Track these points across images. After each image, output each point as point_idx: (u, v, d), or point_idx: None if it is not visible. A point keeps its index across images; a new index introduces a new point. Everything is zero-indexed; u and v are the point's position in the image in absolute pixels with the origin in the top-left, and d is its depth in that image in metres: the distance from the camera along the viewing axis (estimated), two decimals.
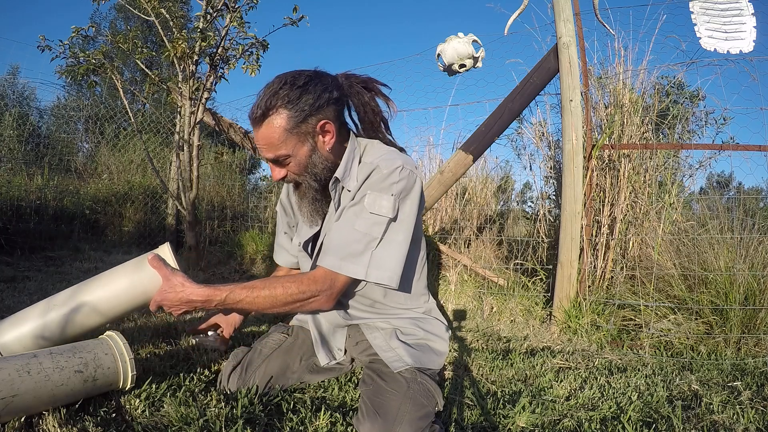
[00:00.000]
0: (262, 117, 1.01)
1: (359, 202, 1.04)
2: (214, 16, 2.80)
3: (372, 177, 1.05)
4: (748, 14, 1.97)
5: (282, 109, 1.00)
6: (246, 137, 3.93)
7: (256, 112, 1.02)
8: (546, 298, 2.27)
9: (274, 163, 1.07)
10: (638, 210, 2.23)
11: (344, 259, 1.00)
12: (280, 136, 1.01)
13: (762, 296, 1.79)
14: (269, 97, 1.00)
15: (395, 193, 1.02)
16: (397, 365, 1.03)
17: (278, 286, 0.99)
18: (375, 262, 1.01)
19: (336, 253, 1.01)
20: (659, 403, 1.21)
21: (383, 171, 1.04)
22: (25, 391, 0.85)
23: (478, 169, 3.21)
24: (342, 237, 1.02)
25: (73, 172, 4.53)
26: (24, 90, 5.37)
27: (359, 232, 1.01)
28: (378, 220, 1.01)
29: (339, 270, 1.00)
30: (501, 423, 1.06)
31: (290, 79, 1.02)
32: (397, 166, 1.04)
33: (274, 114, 1.01)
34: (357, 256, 1.00)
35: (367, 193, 1.03)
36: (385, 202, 1.02)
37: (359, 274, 1.00)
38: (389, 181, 1.03)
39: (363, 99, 1.13)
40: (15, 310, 1.52)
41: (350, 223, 1.02)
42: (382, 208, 1.01)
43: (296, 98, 1.01)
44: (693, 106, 2.53)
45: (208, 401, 1.03)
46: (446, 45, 2.22)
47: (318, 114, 1.03)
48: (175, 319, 1.75)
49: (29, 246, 2.99)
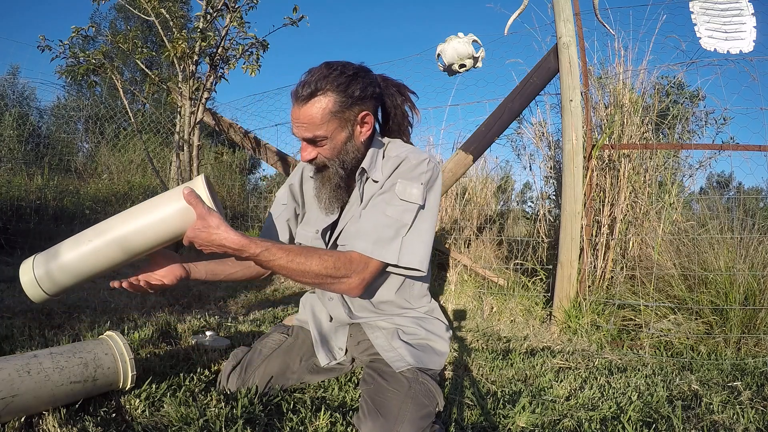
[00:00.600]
0: (309, 96, 1.02)
1: (389, 189, 1.07)
2: (214, 16, 2.80)
3: (402, 167, 1.09)
4: (748, 14, 1.97)
5: (331, 93, 1.02)
6: (246, 137, 3.92)
7: (303, 90, 1.03)
8: (546, 298, 2.27)
9: (309, 143, 1.07)
10: (638, 210, 2.23)
11: (376, 244, 1.01)
12: (323, 116, 1.03)
13: (762, 296, 1.79)
14: (320, 79, 1.02)
15: (424, 182, 1.06)
16: (398, 365, 1.03)
17: (315, 256, 0.98)
18: (405, 248, 1.03)
19: (368, 238, 1.02)
20: (659, 403, 1.21)
21: (412, 161, 1.08)
22: (25, 391, 0.85)
23: (478, 169, 3.21)
24: (373, 223, 1.04)
25: (73, 172, 4.53)
26: (24, 90, 5.37)
27: (391, 218, 1.03)
28: (408, 207, 1.05)
29: (371, 254, 1.01)
30: (501, 423, 1.06)
31: (340, 66, 1.05)
32: (424, 158, 1.09)
33: (322, 95, 1.02)
34: (389, 242, 1.02)
35: (397, 181, 1.07)
36: (415, 190, 1.05)
37: (391, 259, 1.02)
38: (418, 170, 1.07)
39: (396, 101, 1.18)
40: (15, 310, 1.50)
41: (381, 209, 1.05)
42: (412, 195, 1.05)
43: (345, 85, 1.03)
44: (693, 106, 2.53)
45: (208, 401, 1.03)
46: (446, 45, 2.22)
47: (361, 105, 1.06)
48: (174, 319, 1.75)
49: (29, 246, 2.99)
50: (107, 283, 2.34)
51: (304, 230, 1.23)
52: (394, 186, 1.06)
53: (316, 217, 1.20)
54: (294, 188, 1.27)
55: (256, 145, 3.92)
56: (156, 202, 0.96)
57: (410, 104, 1.20)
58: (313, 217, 1.22)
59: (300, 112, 1.04)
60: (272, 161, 3.88)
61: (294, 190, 1.27)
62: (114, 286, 0.98)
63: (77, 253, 0.94)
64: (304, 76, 1.06)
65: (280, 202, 1.29)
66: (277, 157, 3.82)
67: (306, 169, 1.25)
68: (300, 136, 1.07)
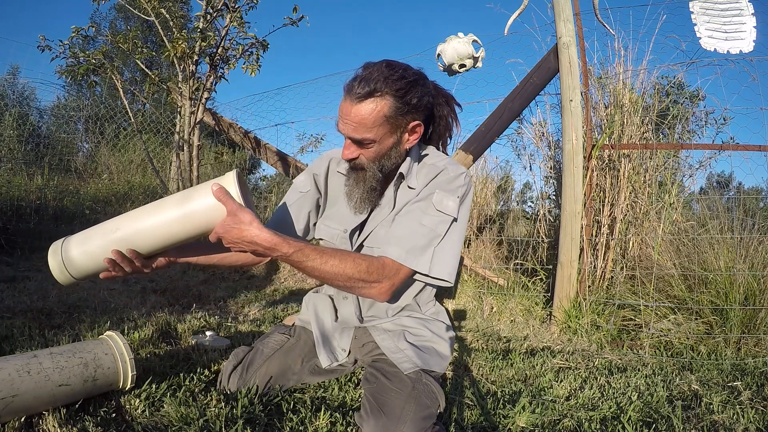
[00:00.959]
0: (366, 95, 0.98)
1: (426, 198, 1.07)
2: (214, 16, 2.81)
3: (440, 177, 1.09)
4: (748, 14, 1.97)
5: (388, 96, 0.99)
6: (246, 137, 3.93)
7: (359, 87, 0.98)
8: (546, 298, 2.27)
9: (354, 142, 1.04)
10: (638, 210, 2.23)
11: (410, 252, 1.02)
12: (376, 120, 1.00)
13: (762, 296, 1.79)
14: (380, 80, 0.98)
15: (460, 195, 1.07)
16: (405, 366, 1.03)
17: (349, 260, 0.97)
18: (437, 258, 1.04)
19: (402, 246, 1.02)
20: (659, 403, 1.21)
21: (450, 173, 1.09)
22: (25, 391, 0.85)
23: (478, 169, 3.21)
24: (408, 231, 1.04)
25: (73, 172, 4.53)
26: (24, 90, 5.37)
27: (426, 227, 1.04)
28: (444, 219, 1.05)
29: (404, 262, 1.01)
30: (501, 423, 1.06)
31: (401, 70, 1.02)
32: (462, 172, 1.10)
33: (380, 97, 0.99)
34: (422, 251, 1.03)
35: (435, 191, 1.07)
36: (451, 202, 1.06)
37: (423, 268, 1.03)
38: (456, 183, 1.08)
39: (442, 112, 1.16)
40: (15, 310, 1.51)
41: (416, 218, 1.05)
42: (447, 207, 1.05)
43: (405, 91, 1.00)
44: (693, 106, 2.53)
45: (208, 401, 1.03)
46: (446, 45, 2.22)
47: (414, 113, 1.04)
48: (174, 319, 1.75)
49: (29, 246, 2.99)
50: (107, 283, 2.34)
51: (327, 226, 1.20)
52: (431, 195, 1.06)
53: (342, 214, 1.17)
54: (319, 179, 1.22)
55: (256, 145, 3.92)
56: (186, 196, 0.94)
57: (453, 116, 1.19)
58: (337, 214, 1.19)
59: (352, 110, 0.99)
60: (272, 161, 3.88)
61: (318, 181, 1.22)
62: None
63: (104, 240, 0.94)
64: (362, 71, 1.01)
65: (299, 189, 1.23)
66: (277, 157, 3.82)
67: (334, 162, 1.22)
68: (346, 134, 1.03)
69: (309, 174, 1.23)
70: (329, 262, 0.95)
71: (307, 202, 1.21)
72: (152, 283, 2.50)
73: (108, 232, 0.94)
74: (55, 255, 0.94)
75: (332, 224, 1.19)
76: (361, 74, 1.00)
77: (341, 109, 1.02)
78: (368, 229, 1.13)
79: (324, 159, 1.24)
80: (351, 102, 0.99)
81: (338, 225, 1.18)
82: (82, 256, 0.94)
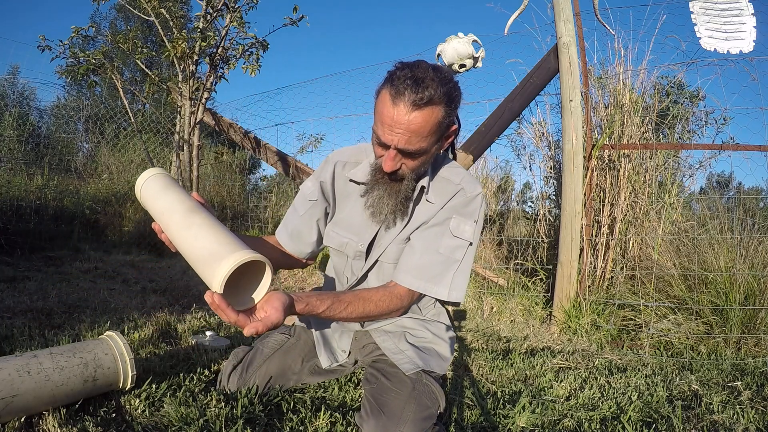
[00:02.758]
0: (425, 103, 0.89)
1: (442, 223, 1.05)
2: (214, 16, 2.81)
3: (457, 199, 1.06)
4: (748, 14, 1.97)
5: (442, 105, 0.92)
6: (246, 137, 3.93)
7: (418, 92, 0.88)
8: (546, 298, 2.27)
9: (401, 153, 0.95)
10: (638, 210, 2.23)
11: (429, 282, 1.03)
12: (431, 128, 0.92)
13: (762, 296, 1.79)
14: (435, 86, 0.89)
15: (476, 219, 1.06)
16: (407, 367, 1.03)
17: (371, 303, 1.00)
18: (454, 283, 1.04)
19: (420, 277, 1.03)
20: (659, 403, 1.21)
21: (468, 194, 1.06)
22: (25, 391, 0.85)
23: (478, 169, 3.21)
24: (426, 260, 1.04)
25: (73, 172, 4.53)
26: (24, 90, 5.37)
27: (443, 255, 1.04)
28: (461, 244, 1.04)
29: (424, 291, 1.03)
30: (501, 423, 1.06)
31: (443, 71, 0.94)
32: (478, 193, 1.07)
33: (437, 105, 0.90)
34: (440, 278, 1.03)
35: (452, 216, 1.05)
36: (468, 227, 1.05)
37: (442, 295, 1.04)
38: (473, 206, 1.06)
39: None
40: (15, 310, 1.51)
41: (434, 245, 1.04)
42: (464, 232, 1.04)
43: (450, 96, 0.93)
44: (693, 106, 2.53)
45: (208, 401, 1.03)
46: (446, 45, 2.22)
47: (453, 117, 0.98)
48: (174, 319, 1.75)
49: (29, 246, 2.99)
50: (107, 283, 2.34)
51: (337, 233, 1.15)
52: (448, 221, 1.05)
53: (352, 221, 1.13)
54: (325, 186, 1.16)
55: (256, 145, 3.92)
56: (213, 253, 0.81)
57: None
58: (346, 220, 1.14)
59: (406, 119, 0.89)
60: (272, 161, 3.88)
61: (325, 188, 1.16)
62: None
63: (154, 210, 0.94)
64: (409, 72, 0.90)
65: (308, 198, 1.18)
66: (277, 157, 3.82)
67: (339, 165, 1.16)
68: (395, 144, 0.92)
69: (316, 181, 1.18)
70: (356, 311, 0.98)
71: (317, 210, 1.17)
72: (152, 283, 2.50)
73: (160, 210, 0.92)
74: (145, 176, 0.98)
75: (342, 232, 1.15)
76: (409, 76, 0.89)
77: (389, 116, 0.91)
78: (383, 244, 1.10)
79: (329, 163, 1.18)
80: (406, 109, 0.89)
81: (348, 233, 1.13)
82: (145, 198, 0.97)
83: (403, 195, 1.03)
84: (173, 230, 0.90)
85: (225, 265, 0.78)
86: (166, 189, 0.96)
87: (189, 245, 0.86)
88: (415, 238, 1.07)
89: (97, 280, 2.44)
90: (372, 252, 1.12)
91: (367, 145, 1.16)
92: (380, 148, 0.98)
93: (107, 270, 2.70)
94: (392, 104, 0.90)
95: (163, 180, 0.98)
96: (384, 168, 0.97)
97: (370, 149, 1.13)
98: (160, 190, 0.96)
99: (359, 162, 1.14)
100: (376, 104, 0.96)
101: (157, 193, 0.96)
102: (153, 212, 0.95)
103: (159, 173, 1.00)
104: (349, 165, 1.15)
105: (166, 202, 0.93)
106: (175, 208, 0.92)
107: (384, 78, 0.96)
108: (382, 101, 0.93)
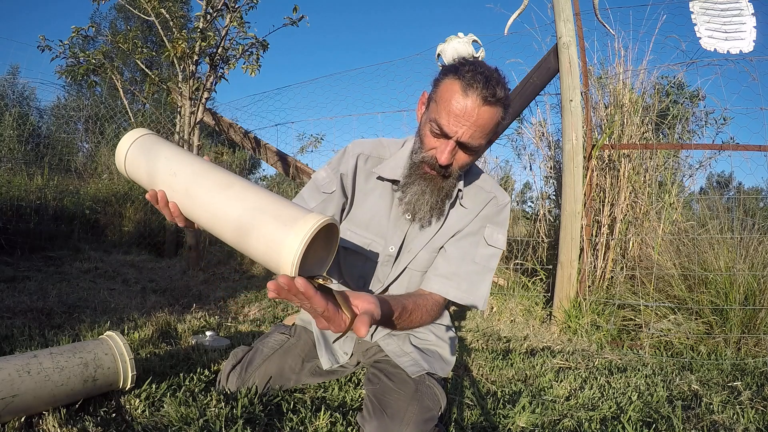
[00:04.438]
0: (497, 101, 0.88)
1: (477, 233, 1.07)
2: (214, 16, 2.81)
3: (490, 207, 1.08)
4: (748, 14, 1.97)
5: (503, 108, 0.92)
6: (246, 137, 3.93)
7: (491, 89, 0.86)
8: (546, 298, 2.27)
9: (460, 146, 0.92)
10: (638, 210, 2.23)
11: (466, 292, 1.05)
12: (492, 129, 0.92)
13: (762, 296, 1.79)
14: (500, 84, 0.89)
15: (507, 227, 1.10)
16: (412, 370, 1.03)
17: (424, 312, 0.99)
18: (485, 291, 1.07)
19: (458, 286, 1.05)
20: (659, 403, 1.21)
21: (499, 202, 1.09)
22: (25, 391, 0.85)
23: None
24: (463, 270, 1.05)
25: (73, 172, 4.53)
26: (24, 90, 5.37)
27: (479, 264, 1.06)
28: (495, 253, 1.08)
29: (462, 302, 1.05)
30: (501, 423, 1.06)
31: (505, 78, 0.93)
32: (508, 201, 1.11)
33: (500, 107, 0.90)
34: (476, 288, 1.06)
35: (486, 225, 1.07)
36: (501, 236, 1.08)
37: (478, 305, 1.06)
38: (504, 215, 1.09)
39: None
40: (15, 310, 1.51)
41: (469, 255, 1.06)
42: (498, 241, 1.07)
43: (508, 104, 0.93)
44: (693, 106, 2.53)
45: (208, 401, 1.03)
46: (446, 45, 2.22)
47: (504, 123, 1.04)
48: (174, 319, 1.75)
49: (29, 246, 2.99)
50: (107, 283, 2.34)
51: (355, 233, 1.08)
52: (483, 229, 1.07)
53: (374, 221, 1.07)
54: (346, 179, 1.07)
55: (256, 145, 3.92)
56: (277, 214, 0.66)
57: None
58: (366, 219, 1.08)
59: (477, 111, 0.87)
60: (272, 161, 3.88)
61: (346, 181, 1.07)
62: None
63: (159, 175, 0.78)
64: (479, 67, 0.89)
65: (322, 190, 1.06)
66: (277, 157, 3.82)
67: (362, 159, 1.08)
68: (459, 136, 0.89)
69: (335, 172, 1.07)
70: (414, 321, 0.97)
71: (332, 204, 1.06)
72: (152, 283, 2.50)
73: (168, 172, 0.77)
74: (127, 142, 0.82)
75: (362, 231, 1.08)
76: (480, 71, 0.87)
77: (458, 106, 0.87)
78: (413, 249, 1.07)
79: (350, 155, 1.09)
80: (478, 102, 0.86)
81: (369, 234, 1.07)
82: (134, 168, 0.81)
83: (444, 193, 1.01)
84: (200, 192, 0.72)
85: (301, 227, 0.61)
86: (170, 147, 0.80)
87: (232, 208, 0.68)
88: (450, 246, 1.08)
89: (97, 280, 2.44)
90: (401, 257, 1.08)
91: (387, 141, 1.13)
92: (435, 139, 0.93)
93: (107, 270, 2.70)
94: (463, 95, 0.87)
95: (158, 138, 0.82)
96: (440, 160, 0.92)
97: (389, 145, 1.12)
98: (164, 149, 0.79)
99: (382, 158, 1.09)
100: (440, 92, 0.91)
101: (158, 152, 0.79)
102: (156, 175, 0.78)
103: (149, 133, 0.84)
104: (372, 160, 1.09)
105: (176, 161, 0.77)
106: (197, 167, 0.75)
107: (442, 71, 0.94)
108: (449, 90, 0.89)
